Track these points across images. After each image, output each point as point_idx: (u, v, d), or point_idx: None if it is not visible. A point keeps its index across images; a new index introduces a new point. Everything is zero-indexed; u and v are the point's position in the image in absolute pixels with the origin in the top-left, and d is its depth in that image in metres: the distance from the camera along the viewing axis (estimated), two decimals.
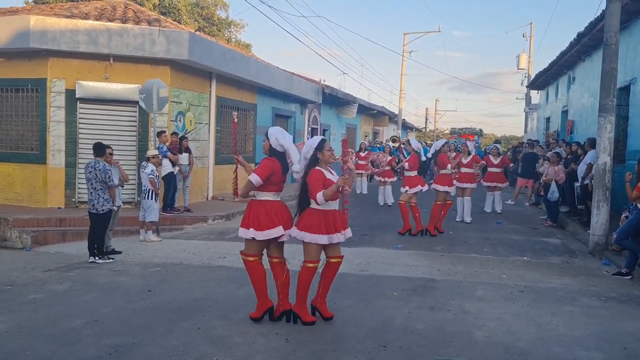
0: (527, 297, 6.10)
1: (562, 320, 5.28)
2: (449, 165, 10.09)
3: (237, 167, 5.55)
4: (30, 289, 6.23)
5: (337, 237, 4.93)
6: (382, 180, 14.46)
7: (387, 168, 14.26)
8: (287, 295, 5.10)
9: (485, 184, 13.23)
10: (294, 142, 5.22)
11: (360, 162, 16.87)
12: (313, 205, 4.86)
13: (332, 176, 4.94)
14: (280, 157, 5.04)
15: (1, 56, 11.59)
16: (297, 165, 5.04)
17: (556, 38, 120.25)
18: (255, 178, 4.87)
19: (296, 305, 5.01)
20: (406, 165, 9.92)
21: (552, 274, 7.30)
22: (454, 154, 10.95)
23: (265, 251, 5.14)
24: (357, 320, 5.16)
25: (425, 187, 9.99)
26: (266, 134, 5.11)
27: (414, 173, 9.89)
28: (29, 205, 11.39)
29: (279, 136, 5.02)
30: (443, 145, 10.43)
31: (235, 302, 5.68)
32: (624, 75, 11.39)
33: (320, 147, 4.91)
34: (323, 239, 4.83)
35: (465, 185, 11.33)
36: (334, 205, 4.92)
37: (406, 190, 9.83)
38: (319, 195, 4.71)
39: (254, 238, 4.95)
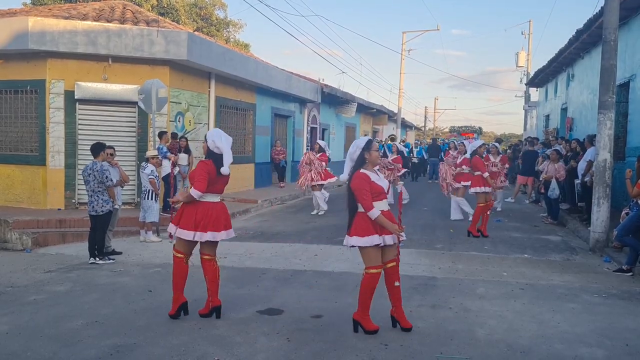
0: (528, 294, 6.10)
1: (563, 318, 5.28)
2: (485, 174, 9.70)
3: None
4: (31, 290, 6.22)
5: (390, 239, 4.74)
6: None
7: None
8: (217, 292, 5.19)
9: None
10: (293, 141, 5.29)
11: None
12: (362, 209, 4.72)
13: (379, 178, 4.79)
14: (216, 158, 5.13)
15: (0, 58, 11.58)
16: (226, 168, 5.11)
17: (555, 35, 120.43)
18: (196, 193, 5.01)
19: (358, 313, 4.80)
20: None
21: (553, 272, 7.29)
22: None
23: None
24: None
25: None
26: (205, 137, 5.25)
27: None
28: (28, 206, 11.38)
29: (215, 138, 5.12)
30: (480, 147, 10.17)
31: (236, 301, 5.67)
32: (623, 72, 11.39)
33: (367, 146, 4.78)
34: (375, 240, 4.63)
35: (458, 185, 11.35)
36: (383, 206, 4.75)
37: None
38: (373, 213, 4.57)
39: (171, 234, 5.19)
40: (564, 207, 12.07)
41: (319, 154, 12.50)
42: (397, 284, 4.85)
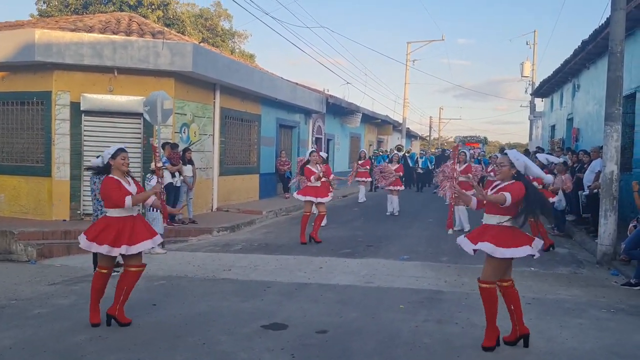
0: (535, 309, 6.02)
1: (571, 333, 5.21)
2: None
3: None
4: (35, 304, 6.20)
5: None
6: (390, 189, 14.44)
7: (395, 177, 14.33)
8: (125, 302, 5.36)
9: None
10: (298, 152, 5.30)
11: (360, 170, 16.88)
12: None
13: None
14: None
15: (7, 69, 11.65)
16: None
17: (560, 46, 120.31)
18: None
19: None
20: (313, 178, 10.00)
21: (560, 285, 7.22)
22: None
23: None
24: (364, 334, 5.11)
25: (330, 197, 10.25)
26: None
27: (318, 183, 10.00)
28: (34, 218, 11.39)
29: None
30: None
31: (240, 315, 5.63)
32: (630, 83, 11.35)
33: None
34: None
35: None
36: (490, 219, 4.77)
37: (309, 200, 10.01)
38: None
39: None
40: (570, 219, 11.99)
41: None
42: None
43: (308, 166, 10.14)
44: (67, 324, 5.40)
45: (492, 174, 11.42)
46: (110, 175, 5.26)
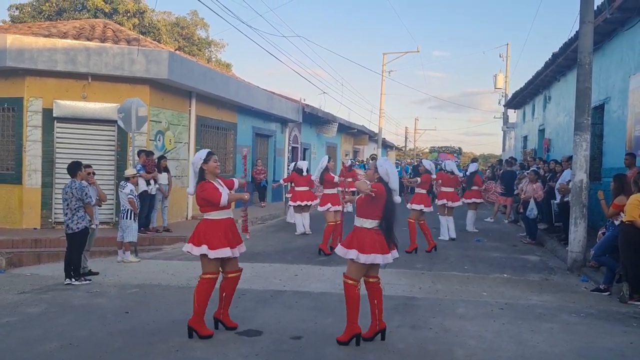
0: (507, 314, 6.12)
1: (542, 337, 5.30)
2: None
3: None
4: (3, 312, 6.07)
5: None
6: None
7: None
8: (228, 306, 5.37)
9: (466, 201, 13.11)
10: (274, 161, 5.40)
11: (348, 180, 16.85)
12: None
13: None
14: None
15: None
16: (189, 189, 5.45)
17: (532, 58, 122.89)
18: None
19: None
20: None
21: (532, 291, 7.34)
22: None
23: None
24: None
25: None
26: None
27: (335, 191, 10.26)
28: (3, 226, 11.16)
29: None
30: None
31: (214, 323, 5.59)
32: (598, 95, 11.63)
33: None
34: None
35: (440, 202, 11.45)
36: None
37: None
38: None
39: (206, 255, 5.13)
40: (542, 227, 12.19)
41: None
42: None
43: (329, 172, 10.34)
44: (37, 332, 5.30)
45: (439, 180, 11.61)
46: (206, 180, 5.28)
